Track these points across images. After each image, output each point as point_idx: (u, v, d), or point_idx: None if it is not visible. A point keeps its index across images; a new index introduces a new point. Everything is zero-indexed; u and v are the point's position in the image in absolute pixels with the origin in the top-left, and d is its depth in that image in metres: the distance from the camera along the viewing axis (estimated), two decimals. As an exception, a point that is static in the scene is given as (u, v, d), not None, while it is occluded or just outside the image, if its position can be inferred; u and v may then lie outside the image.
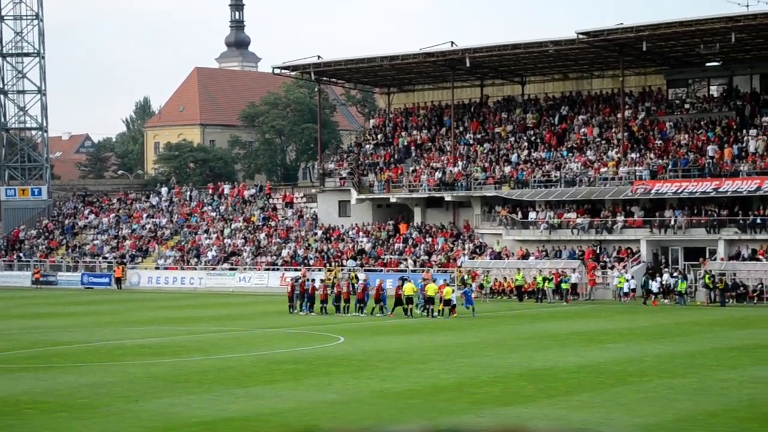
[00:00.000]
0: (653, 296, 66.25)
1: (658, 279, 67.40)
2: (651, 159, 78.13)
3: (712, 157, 75.76)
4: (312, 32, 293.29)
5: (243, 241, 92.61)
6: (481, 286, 72.22)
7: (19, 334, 51.50)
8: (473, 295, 62.83)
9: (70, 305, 72.03)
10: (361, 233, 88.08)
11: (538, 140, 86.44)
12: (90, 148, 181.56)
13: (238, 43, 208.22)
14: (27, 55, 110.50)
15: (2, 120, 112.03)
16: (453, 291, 59.36)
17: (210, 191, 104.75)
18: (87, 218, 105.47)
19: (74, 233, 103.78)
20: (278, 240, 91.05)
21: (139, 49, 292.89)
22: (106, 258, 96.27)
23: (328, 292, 62.94)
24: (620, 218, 76.09)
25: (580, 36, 76.97)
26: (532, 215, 79.61)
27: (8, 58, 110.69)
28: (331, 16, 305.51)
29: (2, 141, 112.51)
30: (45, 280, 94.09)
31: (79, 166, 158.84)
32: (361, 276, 72.28)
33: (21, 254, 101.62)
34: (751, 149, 75.68)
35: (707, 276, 66.37)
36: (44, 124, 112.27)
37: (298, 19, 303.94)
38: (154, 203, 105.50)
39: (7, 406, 30.82)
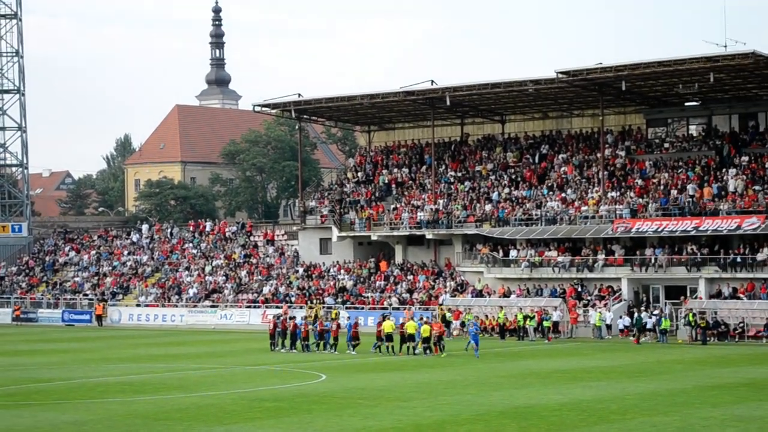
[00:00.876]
0: (644, 333, 66.38)
1: (644, 315, 67.59)
2: (631, 198, 78.42)
3: (692, 196, 76.09)
4: (293, 70, 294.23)
5: (224, 278, 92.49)
6: (463, 324, 72.18)
7: (-1, 371, 51.33)
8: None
9: (50, 342, 71.79)
10: (342, 271, 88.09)
11: (519, 178, 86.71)
12: (70, 184, 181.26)
13: (219, 80, 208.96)
14: (7, 92, 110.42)
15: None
16: (430, 328, 59.25)
17: (191, 228, 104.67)
18: (68, 255, 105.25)
19: (55, 270, 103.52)
20: (259, 277, 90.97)
21: (119, 87, 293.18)
22: (86, 295, 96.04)
23: (310, 329, 62.90)
24: (601, 256, 76.27)
25: (560, 75, 77.28)
26: (513, 253, 79.74)
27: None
28: (312, 55, 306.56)
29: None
30: (25, 317, 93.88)
31: (60, 203, 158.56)
32: (343, 314, 72.18)
33: (1, 291, 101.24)
34: (731, 188, 76.03)
35: (690, 314, 66.54)
36: (24, 161, 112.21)
37: (279, 57, 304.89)
38: (135, 240, 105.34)
39: (-13, 444, 30.73)
